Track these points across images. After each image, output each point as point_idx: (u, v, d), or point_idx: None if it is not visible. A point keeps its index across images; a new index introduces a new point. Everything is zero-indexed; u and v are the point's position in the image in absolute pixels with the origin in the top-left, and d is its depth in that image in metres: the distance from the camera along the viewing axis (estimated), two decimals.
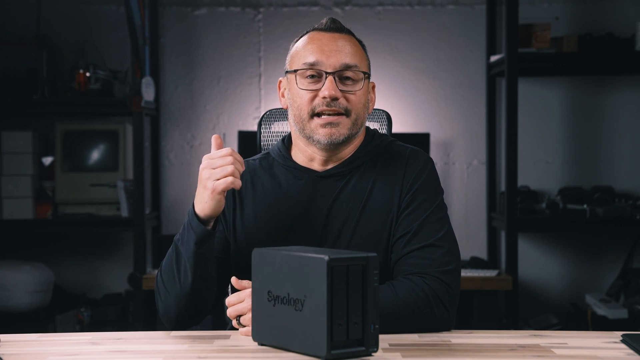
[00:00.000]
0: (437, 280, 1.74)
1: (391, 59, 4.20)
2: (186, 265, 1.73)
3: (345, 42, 1.85)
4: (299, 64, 1.84)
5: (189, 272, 1.73)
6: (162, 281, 1.78)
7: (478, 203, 4.24)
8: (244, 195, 1.91)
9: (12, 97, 3.90)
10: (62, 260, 4.19)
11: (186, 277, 1.73)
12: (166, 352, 1.54)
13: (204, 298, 1.78)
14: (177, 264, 1.74)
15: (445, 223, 1.83)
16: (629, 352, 1.50)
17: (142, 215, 3.81)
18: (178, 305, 1.76)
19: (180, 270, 1.74)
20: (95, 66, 3.93)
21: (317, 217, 1.84)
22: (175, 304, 1.76)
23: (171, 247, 1.78)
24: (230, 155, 1.68)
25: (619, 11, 4.17)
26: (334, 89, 1.80)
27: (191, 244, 1.71)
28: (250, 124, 4.20)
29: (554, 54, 3.85)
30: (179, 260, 1.74)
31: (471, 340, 1.62)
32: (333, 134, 1.81)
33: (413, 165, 1.86)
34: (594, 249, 4.21)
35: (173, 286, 1.75)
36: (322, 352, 1.42)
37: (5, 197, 3.93)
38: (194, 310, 1.78)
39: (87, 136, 4.01)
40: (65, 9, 4.19)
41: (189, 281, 1.73)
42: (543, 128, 4.21)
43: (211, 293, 1.80)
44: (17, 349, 1.58)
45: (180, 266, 1.74)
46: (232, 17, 4.24)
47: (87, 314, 3.97)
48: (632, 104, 4.20)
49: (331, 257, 1.41)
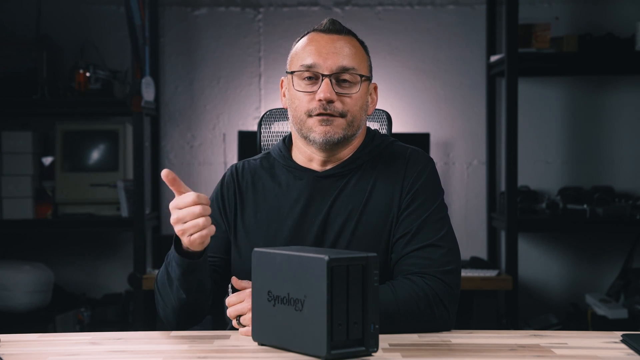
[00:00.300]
0: (437, 281, 1.74)
1: (391, 59, 4.20)
2: (178, 288, 1.74)
3: (344, 44, 1.84)
4: (297, 66, 1.84)
5: (182, 294, 1.74)
6: (159, 292, 1.80)
7: (478, 203, 4.24)
8: (245, 195, 1.91)
9: (12, 97, 3.90)
10: (62, 260, 4.19)
11: (180, 296, 1.75)
12: (166, 352, 1.54)
13: (201, 306, 1.80)
14: (170, 284, 1.76)
15: (445, 223, 1.83)
16: (629, 352, 1.50)
17: (142, 215, 3.81)
18: (176, 313, 1.79)
19: (173, 289, 1.75)
20: (95, 66, 3.93)
21: (317, 217, 1.83)
22: (173, 312, 1.79)
23: (163, 265, 1.79)
24: (197, 204, 1.61)
25: (619, 11, 4.17)
26: (329, 92, 1.79)
27: (178, 273, 1.72)
28: (250, 124, 4.20)
29: (554, 54, 3.85)
30: (171, 281, 1.75)
31: (471, 340, 1.62)
32: (328, 132, 1.81)
33: (413, 165, 1.86)
34: (594, 249, 4.21)
35: (169, 299, 1.78)
36: (322, 352, 1.42)
37: (5, 197, 3.93)
38: (194, 315, 1.81)
39: (87, 136, 4.01)
40: (65, 9, 4.19)
41: (184, 299, 1.75)
42: (543, 128, 4.21)
43: (209, 300, 1.82)
44: (17, 349, 1.58)
45: (172, 287, 1.75)
46: (232, 17, 4.24)
47: (87, 314, 3.97)
48: (632, 104, 4.20)
49: (331, 257, 1.41)
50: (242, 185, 1.92)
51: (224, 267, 1.89)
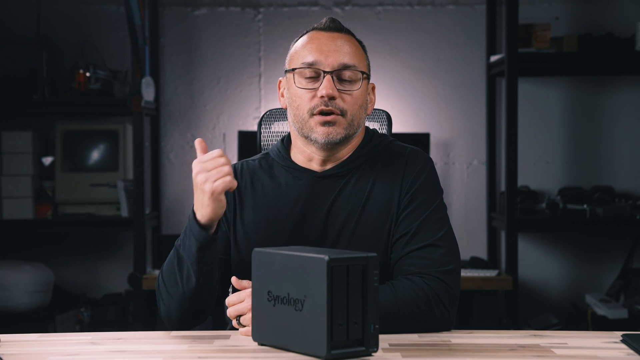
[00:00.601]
0: (437, 280, 1.74)
1: (391, 59, 4.20)
2: (189, 270, 1.71)
3: (344, 42, 1.84)
4: (297, 63, 1.84)
5: (192, 277, 1.71)
6: (164, 284, 1.77)
7: (478, 203, 4.24)
8: (244, 196, 1.91)
9: (12, 97, 3.90)
10: (62, 260, 4.19)
11: (189, 282, 1.72)
12: (166, 352, 1.54)
13: (206, 301, 1.77)
14: (180, 268, 1.73)
15: (445, 223, 1.83)
16: (629, 352, 1.50)
17: (142, 215, 3.81)
18: (181, 308, 1.76)
19: (182, 274, 1.73)
20: (95, 66, 3.93)
21: (316, 217, 1.83)
22: (178, 306, 1.76)
23: (172, 251, 1.77)
24: (222, 156, 1.65)
25: (619, 11, 4.17)
26: (331, 88, 1.80)
27: (193, 250, 1.70)
28: (250, 124, 4.20)
29: (554, 54, 3.85)
30: (181, 265, 1.73)
31: (471, 340, 1.62)
32: (330, 133, 1.81)
33: (412, 165, 1.86)
34: (594, 249, 4.21)
35: (175, 290, 1.74)
36: (322, 352, 1.42)
37: (5, 197, 3.93)
38: (197, 312, 1.78)
39: (87, 136, 4.01)
40: (65, 9, 4.20)
41: (192, 285, 1.72)
42: (543, 128, 4.21)
43: (214, 295, 1.80)
44: (17, 349, 1.58)
45: (182, 271, 1.73)
46: (232, 17, 4.24)
47: (87, 314, 3.97)
48: (632, 104, 4.20)
49: (331, 257, 1.41)
50: (240, 186, 1.91)
51: (225, 267, 1.89)
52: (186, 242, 1.72)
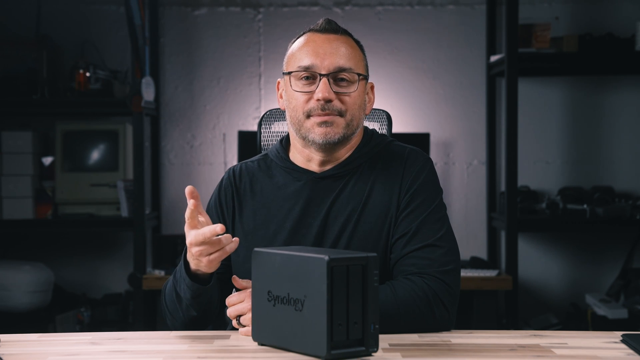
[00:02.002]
0: (437, 280, 1.74)
1: (391, 59, 4.20)
2: (188, 306, 1.76)
3: (341, 44, 1.84)
4: (294, 66, 1.84)
5: (192, 310, 1.77)
6: (166, 307, 1.83)
7: (478, 203, 4.24)
8: (243, 198, 1.91)
9: (12, 97, 3.90)
10: (62, 260, 4.19)
11: (189, 312, 1.77)
12: (166, 352, 1.54)
13: (209, 317, 1.83)
14: (179, 302, 1.77)
15: (444, 223, 1.83)
16: (629, 352, 1.50)
17: (142, 215, 3.81)
18: (185, 327, 1.81)
19: (182, 306, 1.77)
20: (95, 66, 3.93)
21: (316, 218, 1.83)
22: (182, 326, 1.82)
23: (172, 279, 1.79)
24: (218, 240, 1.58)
25: (619, 11, 4.17)
26: (327, 91, 1.79)
27: (188, 295, 1.73)
28: (250, 124, 4.20)
29: (554, 54, 3.85)
30: (180, 299, 1.77)
31: (471, 340, 1.62)
32: (328, 133, 1.81)
33: (412, 165, 1.86)
34: (594, 249, 4.21)
35: (178, 315, 1.80)
36: (322, 352, 1.42)
37: (5, 197, 3.93)
38: (202, 325, 1.83)
39: (87, 136, 4.01)
40: (65, 9, 4.19)
41: (193, 315, 1.78)
42: (543, 128, 4.21)
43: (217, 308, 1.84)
44: (17, 349, 1.58)
45: (182, 304, 1.77)
46: (232, 17, 4.24)
47: (87, 314, 3.97)
48: (632, 104, 4.20)
49: (331, 257, 1.41)
50: (240, 188, 1.92)
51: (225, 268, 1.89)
52: (181, 285, 1.73)
